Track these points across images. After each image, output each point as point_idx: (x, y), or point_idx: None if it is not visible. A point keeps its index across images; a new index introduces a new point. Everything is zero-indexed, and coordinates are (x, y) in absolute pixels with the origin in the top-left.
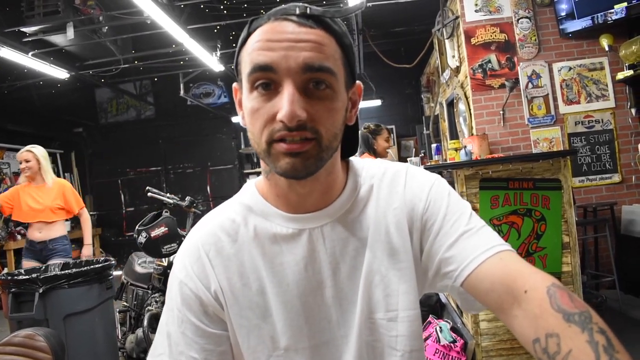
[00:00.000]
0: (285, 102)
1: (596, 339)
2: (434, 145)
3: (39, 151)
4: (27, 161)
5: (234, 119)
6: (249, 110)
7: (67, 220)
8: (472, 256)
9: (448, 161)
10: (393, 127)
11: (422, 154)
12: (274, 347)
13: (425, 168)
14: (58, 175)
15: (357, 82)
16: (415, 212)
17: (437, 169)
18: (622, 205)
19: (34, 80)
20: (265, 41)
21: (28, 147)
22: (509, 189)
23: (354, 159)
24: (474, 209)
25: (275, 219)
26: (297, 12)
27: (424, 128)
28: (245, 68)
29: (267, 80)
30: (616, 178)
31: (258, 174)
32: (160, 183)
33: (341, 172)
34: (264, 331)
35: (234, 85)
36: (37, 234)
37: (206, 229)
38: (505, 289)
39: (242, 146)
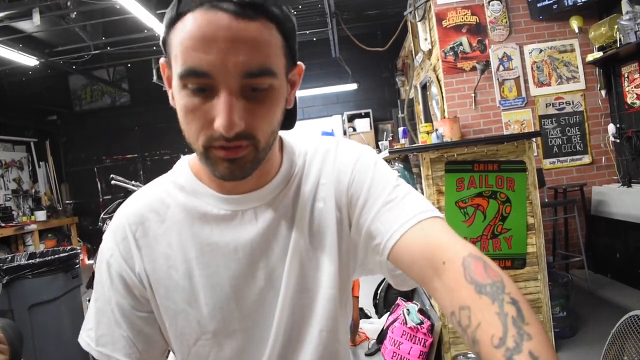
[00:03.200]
0: (222, 111)
1: (506, 310)
2: (400, 129)
3: None
4: None
5: None
6: (183, 108)
7: (43, 210)
8: (394, 228)
9: (420, 144)
10: (370, 110)
11: (391, 137)
12: (201, 331)
13: (390, 152)
14: (32, 165)
15: (299, 63)
16: (342, 187)
17: (403, 153)
18: (592, 186)
19: (3, 68)
20: (200, 39)
21: None
22: (474, 172)
23: (286, 134)
24: (440, 191)
25: (207, 199)
26: None
27: (399, 111)
28: (176, 62)
29: (202, 85)
30: (586, 159)
31: None
32: (137, 170)
33: (277, 152)
34: (190, 315)
35: (161, 61)
36: None
37: (134, 207)
38: (425, 261)
39: None
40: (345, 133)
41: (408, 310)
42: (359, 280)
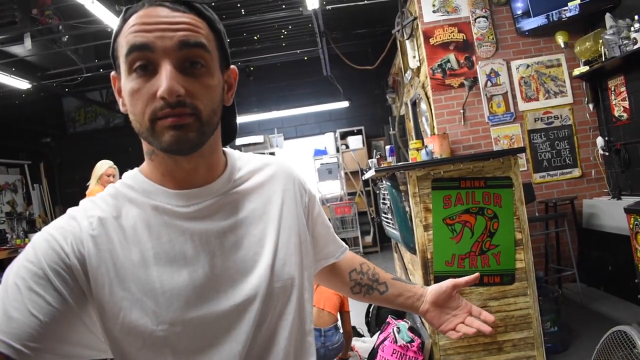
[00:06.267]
0: (164, 78)
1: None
2: (387, 147)
3: None
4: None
5: None
6: (129, 92)
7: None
8: (340, 251)
9: (410, 161)
10: (362, 127)
11: (379, 156)
12: (157, 321)
13: (377, 170)
14: (26, 187)
15: (232, 66)
16: (302, 198)
17: (390, 171)
18: (583, 199)
19: None
20: (141, 24)
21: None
22: (460, 189)
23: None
24: (427, 209)
25: (158, 197)
26: None
27: (391, 128)
28: (122, 51)
29: (144, 61)
30: (576, 172)
31: None
32: None
33: (221, 153)
34: (146, 305)
35: (112, 74)
36: None
37: (91, 202)
38: (351, 264)
39: None
40: (338, 150)
41: (398, 328)
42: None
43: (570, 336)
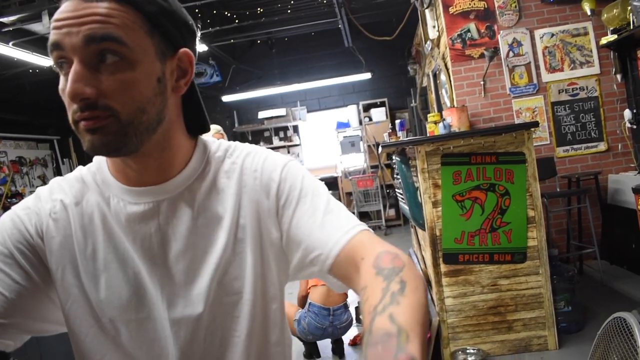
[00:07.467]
0: (69, 80)
1: (391, 287)
2: (397, 122)
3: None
4: None
5: (225, 98)
6: (60, 92)
7: None
8: (332, 242)
9: (428, 135)
10: (385, 99)
11: (390, 129)
12: (98, 315)
13: (384, 145)
14: (56, 162)
15: (183, 49)
16: (271, 192)
17: (398, 146)
18: (608, 174)
19: (23, 69)
20: (55, 21)
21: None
22: (471, 164)
23: (209, 139)
24: (436, 185)
25: (113, 190)
26: None
27: (412, 100)
28: None
29: (61, 59)
30: (602, 146)
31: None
32: None
33: (186, 148)
34: (91, 296)
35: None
36: None
37: (59, 184)
38: (350, 261)
39: (236, 125)
40: (361, 123)
41: None
42: None
43: (586, 316)
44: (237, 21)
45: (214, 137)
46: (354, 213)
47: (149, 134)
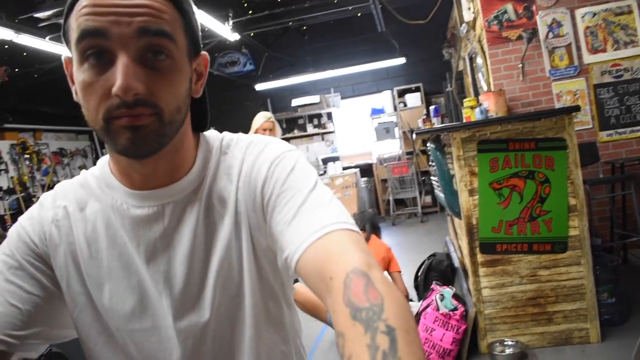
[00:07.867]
0: (120, 73)
1: (378, 343)
2: (432, 107)
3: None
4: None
5: (258, 87)
6: (81, 84)
7: None
8: (297, 243)
9: (464, 121)
10: (420, 84)
11: (425, 115)
12: (105, 325)
13: (417, 133)
14: (95, 152)
15: (203, 52)
16: (257, 190)
17: (432, 133)
18: None
19: (58, 63)
20: (93, 6)
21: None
22: (509, 151)
23: (211, 134)
24: (472, 172)
25: (117, 194)
26: None
27: (448, 85)
28: (73, 35)
29: (98, 48)
30: None
31: (295, 137)
32: None
33: (192, 148)
34: (97, 304)
35: (64, 57)
36: None
37: (63, 189)
38: (318, 276)
39: (271, 112)
40: (395, 109)
41: (442, 295)
42: (394, 257)
43: (630, 308)
44: (268, 9)
45: (264, 125)
46: (389, 200)
47: (177, 134)
